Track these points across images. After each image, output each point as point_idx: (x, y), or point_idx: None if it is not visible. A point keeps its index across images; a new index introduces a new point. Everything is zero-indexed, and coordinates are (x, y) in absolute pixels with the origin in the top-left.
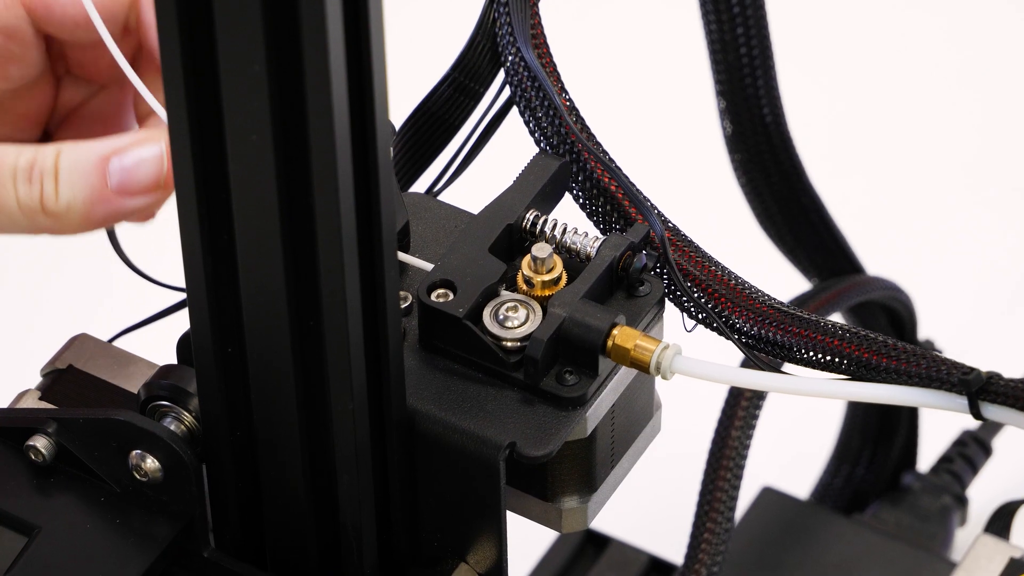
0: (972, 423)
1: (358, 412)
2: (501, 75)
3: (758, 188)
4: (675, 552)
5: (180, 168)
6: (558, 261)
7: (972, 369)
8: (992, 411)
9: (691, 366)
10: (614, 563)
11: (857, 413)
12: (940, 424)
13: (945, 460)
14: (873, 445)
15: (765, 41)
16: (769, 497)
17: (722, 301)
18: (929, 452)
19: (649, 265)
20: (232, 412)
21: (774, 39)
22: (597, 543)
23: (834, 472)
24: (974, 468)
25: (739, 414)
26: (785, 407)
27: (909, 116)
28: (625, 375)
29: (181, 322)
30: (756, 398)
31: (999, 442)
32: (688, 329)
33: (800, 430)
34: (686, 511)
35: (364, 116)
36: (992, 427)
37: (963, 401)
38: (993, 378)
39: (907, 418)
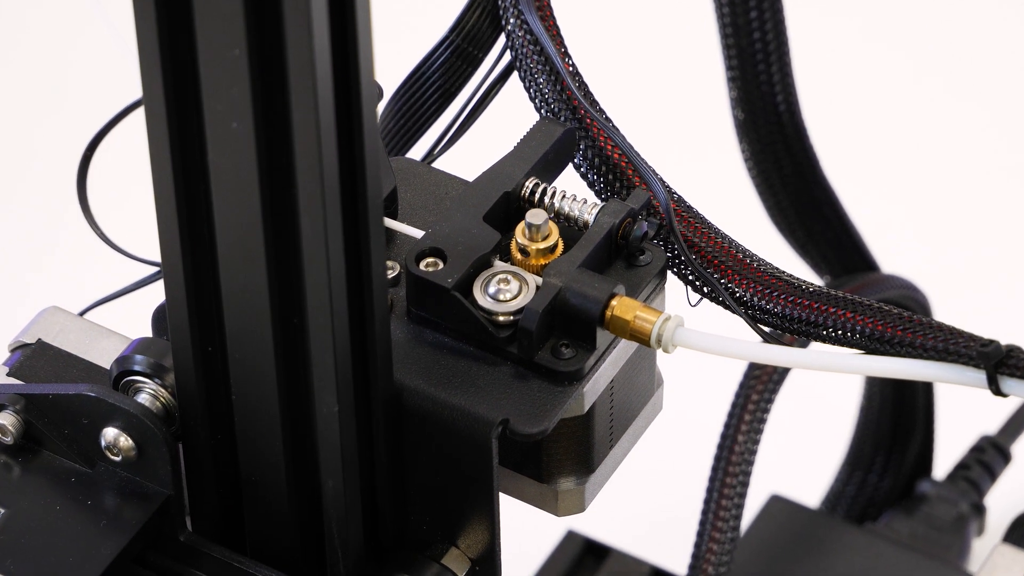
0: (991, 428)
1: (342, 387)
2: (502, 39)
3: (770, 180)
4: (679, 563)
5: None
6: (554, 228)
7: (991, 341)
8: (1012, 385)
9: (694, 339)
10: (614, 574)
11: (870, 417)
12: (957, 429)
13: (962, 467)
14: (887, 451)
15: (780, 26)
16: (777, 505)
17: (728, 273)
18: (945, 458)
19: (650, 233)
20: (209, 385)
21: (790, 24)
22: (597, 553)
23: (846, 479)
24: (992, 475)
25: (746, 418)
26: (794, 411)
27: (930, 109)
28: (625, 348)
29: (156, 294)
30: (763, 401)
31: (1019, 448)
32: (692, 304)
33: (810, 435)
34: (690, 520)
35: (348, 73)
36: (1012, 433)
37: (981, 376)
38: (1014, 350)
39: (923, 423)
